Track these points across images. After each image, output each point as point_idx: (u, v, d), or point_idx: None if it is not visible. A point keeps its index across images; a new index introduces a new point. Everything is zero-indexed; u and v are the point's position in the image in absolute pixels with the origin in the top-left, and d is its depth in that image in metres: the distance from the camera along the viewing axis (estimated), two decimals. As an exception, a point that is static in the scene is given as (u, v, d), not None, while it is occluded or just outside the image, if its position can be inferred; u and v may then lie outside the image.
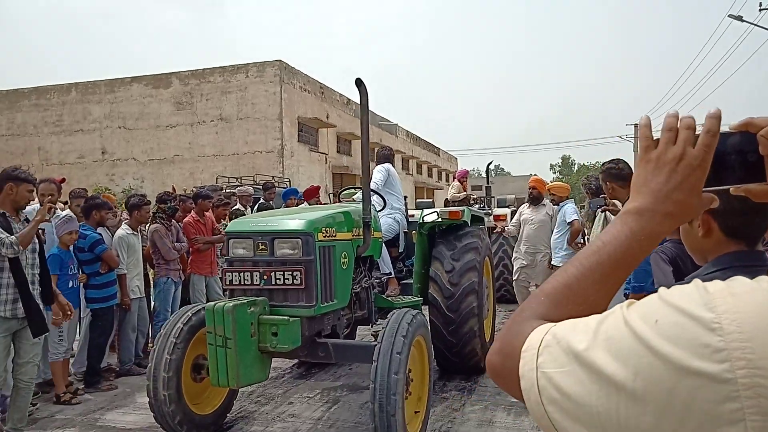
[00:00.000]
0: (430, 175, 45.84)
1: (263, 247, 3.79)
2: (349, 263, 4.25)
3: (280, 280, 3.73)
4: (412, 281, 5.45)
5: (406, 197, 6.11)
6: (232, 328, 3.45)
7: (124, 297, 5.77)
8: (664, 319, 0.56)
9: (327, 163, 26.94)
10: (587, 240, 5.26)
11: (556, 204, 6.81)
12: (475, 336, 5.14)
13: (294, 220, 3.93)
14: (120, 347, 5.98)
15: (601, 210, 4.79)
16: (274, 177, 15.60)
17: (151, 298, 6.44)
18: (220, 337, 3.47)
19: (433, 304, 5.15)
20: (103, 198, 6.15)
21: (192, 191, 11.78)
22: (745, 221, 1.23)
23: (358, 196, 5.69)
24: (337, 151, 28.61)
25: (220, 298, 4.62)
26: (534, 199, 7.09)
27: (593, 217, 5.27)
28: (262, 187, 9.75)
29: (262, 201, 8.84)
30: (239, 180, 14.49)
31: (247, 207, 8.40)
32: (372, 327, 4.35)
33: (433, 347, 4.44)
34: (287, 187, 10.92)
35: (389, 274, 5.22)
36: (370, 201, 4.35)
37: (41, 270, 4.23)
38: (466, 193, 9.90)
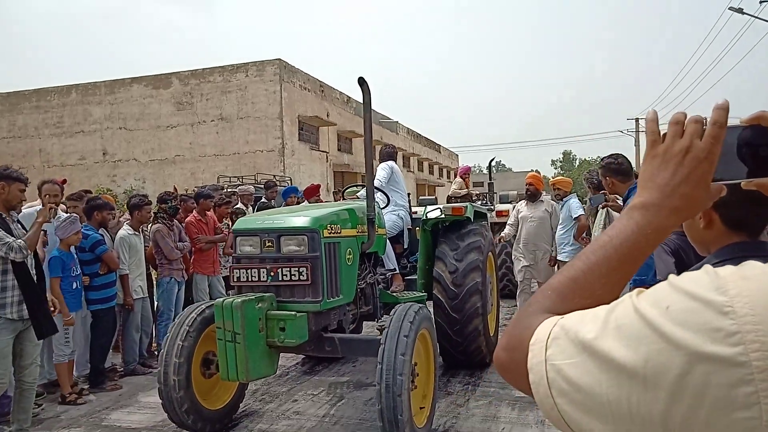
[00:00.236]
0: (431, 172, 45.83)
1: (270, 244, 3.83)
2: (354, 259, 4.28)
3: (286, 276, 3.78)
4: (416, 277, 5.46)
5: (409, 194, 6.12)
6: (240, 323, 3.50)
7: (127, 297, 5.77)
8: (675, 305, 0.55)
9: (328, 161, 26.94)
10: (592, 235, 5.25)
11: (560, 199, 6.72)
12: (480, 335, 5.20)
13: (300, 218, 3.97)
14: (124, 347, 5.98)
15: (602, 206, 4.78)
16: (275, 176, 15.60)
17: (154, 298, 6.44)
18: (229, 332, 3.52)
19: (437, 305, 5.18)
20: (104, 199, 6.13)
21: (193, 191, 11.80)
22: (746, 213, 1.22)
23: (362, 193, 5.70)
24: (338, 150, 28.60)
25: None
26: (531, 196, 6.92)
27: (595, 212, 5.26)
28: (263, 186, 9.75)
29: (263, 200, 8.84)
30: (240, 179, 14.49)
31: (248, 206, 8.39)
32: (377, 322, 4.37)
33: (438, 345, 4.47)
34: (288, 186, 10.91)
35: (394, 270, 5.23)
36: (374, 198, 4.38)
37: (36, 272, 4.19)
38: (468, 189, 9.91)
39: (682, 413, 0.52)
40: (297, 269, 3.76)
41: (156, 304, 6.39)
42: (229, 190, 10.76)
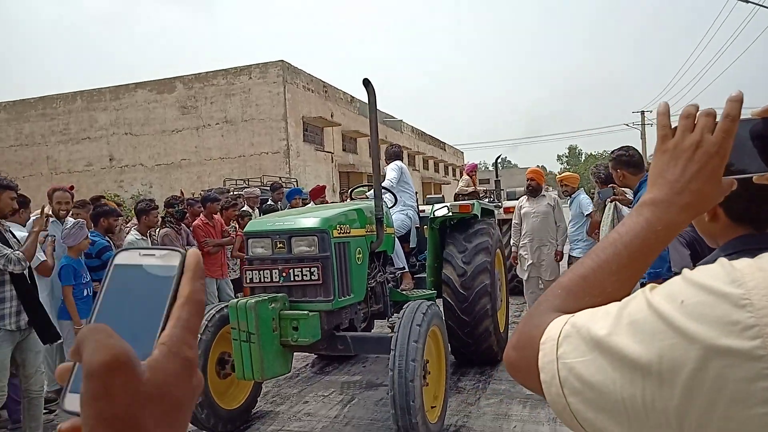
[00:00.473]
0: (437, 170, 45.81)
1: (281, 245, 3.88)
2: (363, 258, 4.31)
3: (298, 276, 3.83)
4: (425, 275, 5.46)
5: (416, 193, 6.12)
6: (255, 323, 3.56)
7: None
8: (690, 298, 0.54)
9: (333, 161, 26.97)
10: (601, 230, 5.23)
11: (568, 195, 6.68)
12: (491, 335, 5.23)
13: (309, 219, 4.01)
14: None
15: (611, 200, 4.75)
16: (281, 177, 15.64)
17: None
18: (244, 332, 3.58)
19: (447, 308, 5.20)
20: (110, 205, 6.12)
21: (200, 195, 11.85)
22: (749, 206, 1.22)
23: (370, 193, 5.70)
24: (343, 150, 28.63)
25: None
26: (533, 191, 6.78)
27: (603, 206, 5.23)
28: (269, 187, 9.77)
29: (269, 202, 8.85)
30: (246, 182, 14.54)
31: (255, 208, 8.41)
32: (388, 321, 4.38)
33: (449, 345, 4.51)
34: (293, 188, 10.95)
35: (403, 268, 5.23)
36: (382, 198, 4.40)
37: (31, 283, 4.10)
38: (475, 186, 9.89)
39: (698, 409, 0.50)
40: (308, 269, 3.81)
41: None
42: (235, 193, 10.80)
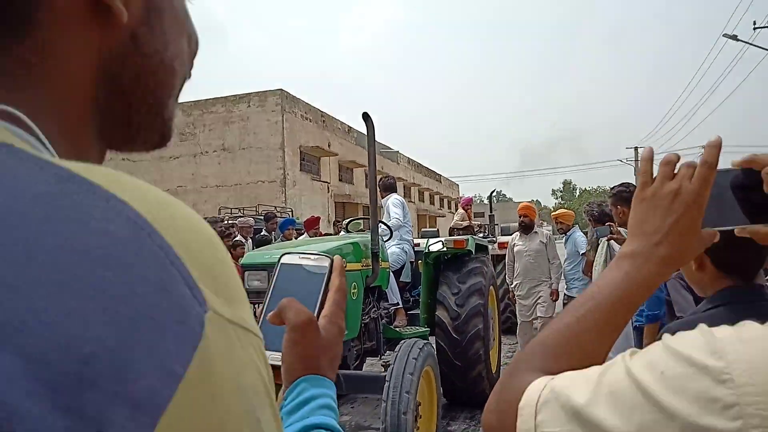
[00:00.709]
0: (432, 202, 45.94)
1: None
2: (358, 294, 4.26)
3: None
4: (419, 311, 5.42)
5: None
6: None
7: None
8: (670, 370, 0.52)
9: (329, 191, 27.03)
10: (593, 270, 5.21)
11: (563, 232, 6.62)
12: (481, 360, 5.14)
13: None
14: None
15: (607, 238, 4.74)
16: (276, 207, 15.63)
17: None
18: None
19: (439, 327, 5.16)
20: None
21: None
22: (736, 256, 1.19)
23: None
24: (339, 180, 28.73)
25: None
26: (525, 228, 6.61)
27: (596, 245, 5.21)
28: (263, 217, 9.75)
29: (263, 232, 8.83)
30: (241, 211, 14.53)
31: (248, 238, 8.37)
32: (380, 358, 4.32)
33: (440, 374, 4.45)
34: (287, 218, 10.95)
35: (397, 304, 5.19)
36: (378, 231, 4.38)
37: None
38: (470, 221, 9.89)
39: None
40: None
41: None
42: (228, 222, 10.78)
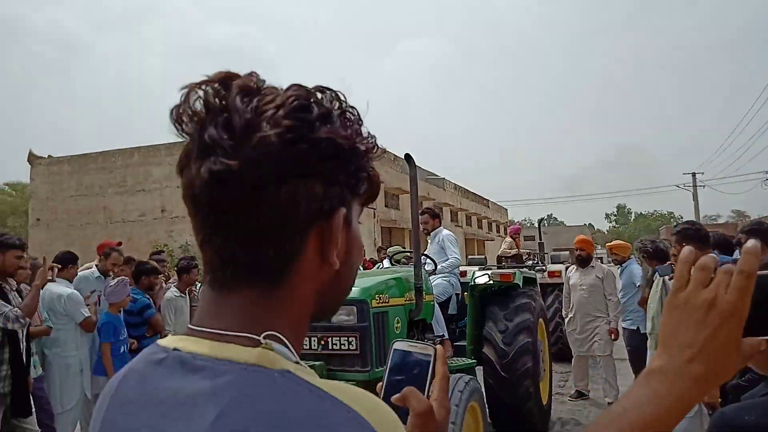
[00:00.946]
0: (480, 226, 45.55)
1: None
2: (402, 328, 4.31)
3: (336, 345, 3.86)
4: (465, 343, 5.40)
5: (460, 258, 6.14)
6: None
7: None
8: None
9: (375, 217, 27.26)
10: (648, 306, 5.00)
11: (618, 264, 6.42)
12: (531, 397, 5.07)
13: None
14: None
15: (669, 278, 4.48)
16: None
17: None
18: None
19: (487, 363, 5.12)
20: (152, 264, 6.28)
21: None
22: None
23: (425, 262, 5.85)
24: (386, 206, 28.95)
25: None
26: (582, 261, 6.50)
27: (651, 282, 5.01)
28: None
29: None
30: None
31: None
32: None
33: (489, 409, 4.40)
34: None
35: (442, 335, 5.19)
36: (422, 266, 4.44)
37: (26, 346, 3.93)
38: (518, 249, 9.80)
39: None
40: (346, 339, 3.84)
41: None
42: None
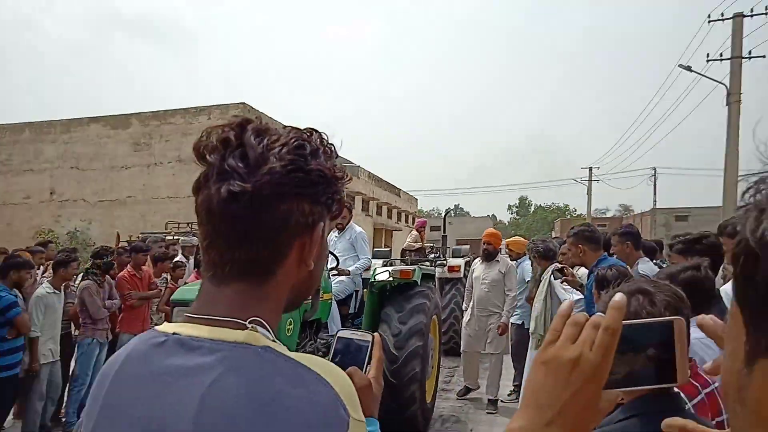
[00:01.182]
0: (390, 216, 45.90)
1: None
2: (294, 329, 4.01)
3: None
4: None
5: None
6: None
7: (33, 362, 5.12)
8: None
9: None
10: (533, 306, 5.21)
11: (514, 260, 6.62)
12: (416, 402, 5.06)
13: None
14: (25, 419, 5.29)
15: (561, 281, 4.59)
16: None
17: (72, 360, 5.88)
18: None
19: None
20: (24, 257, 5.57)
21: (138, 237, 11.32)
22: None
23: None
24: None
25: None
26: (488, 255, 6.41)
27: (538, 282, 5.22)
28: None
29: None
30: (190, 225, 14.00)
31: (190, 258, 7.98)
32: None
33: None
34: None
35: (336, 336, 4.94)
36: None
37: None
38: (422, 243, 10.01)
39: None
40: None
41: (72, 367, 5.81)
42: (174, 237, 10.37)
